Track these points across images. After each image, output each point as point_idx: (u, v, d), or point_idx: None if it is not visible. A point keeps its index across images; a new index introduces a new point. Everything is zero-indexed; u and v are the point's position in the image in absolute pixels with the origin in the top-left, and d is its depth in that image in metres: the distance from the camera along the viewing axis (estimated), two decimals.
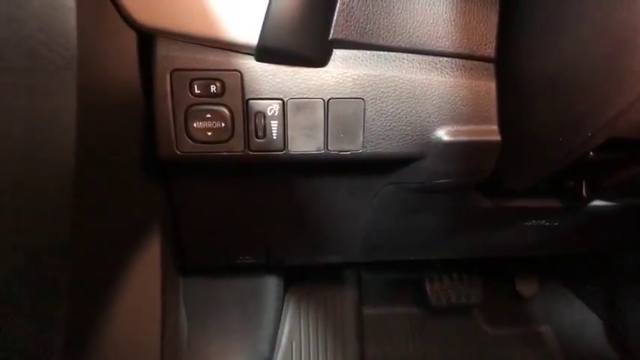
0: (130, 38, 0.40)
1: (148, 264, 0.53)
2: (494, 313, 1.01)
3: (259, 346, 0.81)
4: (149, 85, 0.42)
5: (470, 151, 0.46)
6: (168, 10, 0.39)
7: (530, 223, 0.61)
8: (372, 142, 0.45)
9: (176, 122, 0.42)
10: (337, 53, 0.43)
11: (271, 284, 0.83)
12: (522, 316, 1.02)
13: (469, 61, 0.44)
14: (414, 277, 0.99)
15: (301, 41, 0.41)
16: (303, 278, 0.93)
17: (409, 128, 0.45)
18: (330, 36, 0.42)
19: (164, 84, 0.41)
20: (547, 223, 0.61)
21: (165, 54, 0.41)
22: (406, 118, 0.44)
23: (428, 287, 0.97)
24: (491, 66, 0.45)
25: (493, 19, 0.43)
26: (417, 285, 1.00)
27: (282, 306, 0.91)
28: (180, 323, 0.72)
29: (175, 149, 0.43)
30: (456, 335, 0.97)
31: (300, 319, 0.93)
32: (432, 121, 0.45)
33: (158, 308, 0.56)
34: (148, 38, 0.41)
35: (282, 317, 0.91)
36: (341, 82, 0.43)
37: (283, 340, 0.89)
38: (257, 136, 0.44)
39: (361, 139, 0.45)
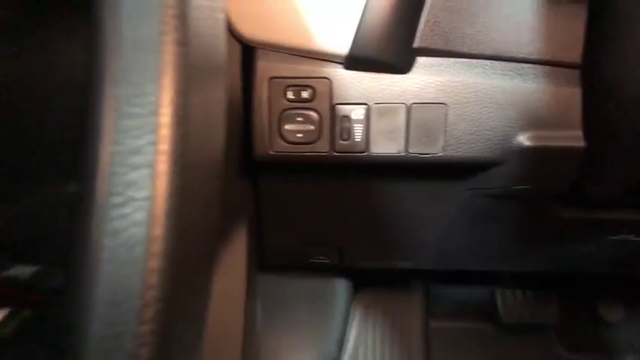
0: (235, 50, 0.45)
1: (236, 259, 0.57)
2: (571, 336, 0.96)
3: (328, 346, 0.83)
4: (248, 91, 0.47)
5: (552, 157, 0.46)
6: (270, 25, 0.44)
7: (615, 237, 0.59)
8: (453, 145, 0.47)
9: (271, 125, 0.47)
10: (420, 60, 0.46)
11: (341, 286, 0.86)
12: (604, 342, 0.96)
13: (554, 68, 0.45)
14: (485, 291, 0.97)
15: (387, 50, 0.44)
16: (371, 284, 0.94)
17: (490, 133, 0.46)
18: (415, 45, 0.44)
19: (262, 90, 0.46)
20: (635, 238, 0.59)
21: (265, 64, 0.46)
22: (487, 122, 0.46)
23: (500, 303, 0.95)
24: (576, 72, 0.45)
25: (580, 25, 0.44)
26: (488, 300, 0.97)
27: (350, 310, 0.93)
28: (258, 318, 0.76)
29: (269, 149, 0.47)
30: (528, 356, 0.94)
31: (367, 325, 0.94)
32: (514, 126, 0.45)
33: (242, 302, 0.60)
34: (249, 49, 0.46)
35: (350, 321, 0.92)
36: (423, 88, 0.45)
37: (350, 345, 0.90)
38: (342, 138, 0.47)
39: (442, 142, 0.47)
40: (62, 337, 0.17)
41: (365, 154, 0.48)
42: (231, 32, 0.44)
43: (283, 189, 0.57)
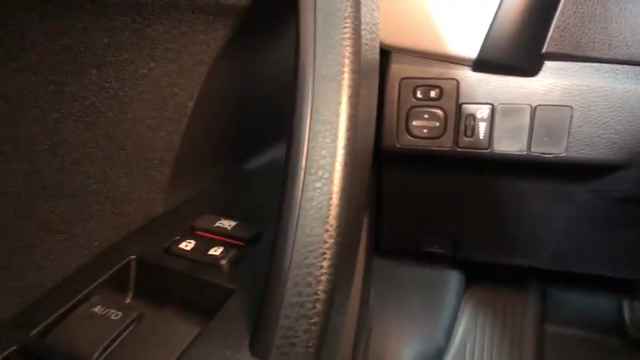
0: None
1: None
2: None
3: (436, 334, 0.86)
4: (381, 89, 0.53)
5: None
6: (404, 32, 0.50)
7: None
8: (576, 147, 0.48)
9: (399, 120, 0.53)
10: (548, 64, 0.48)
11: (454, 278, 0.88)
12: None
13: None
14: (611, 301, 0.92)
15: (516, 54, 0.47)
16: (485, 279, 0.95)
17: (617, 136, 0.46)
18: (544, 49, 0.47)
19: (394, 89, 0.52)
20: None
21: (397, 66, 0.52)
22: (615, 126, 0.46)
23: (627, 314, 0.89)
24: None
25: None
26: (614, 311, 0.92)
27: (460, 303, 0.94)
28: (371, 300, 0.83)
29: (396, 142, 0.53)
30: None
31: (476, 321, 0.94)
32: None
33: (359, 284, 0.67)
34: (385, 53, 0.52)
35: (460, 313, 0.94)
36: (550, 91, 0.47)
37: (457, 338, 0.92)
38: (465, 135, 0.51)
39: (565, 143, 0.48)
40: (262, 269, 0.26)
41: (487, 151, 0.51)
42: None
43: (406, 180, 0.63)
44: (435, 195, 0.63)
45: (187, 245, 0.33)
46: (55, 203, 0.27)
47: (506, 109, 0.49)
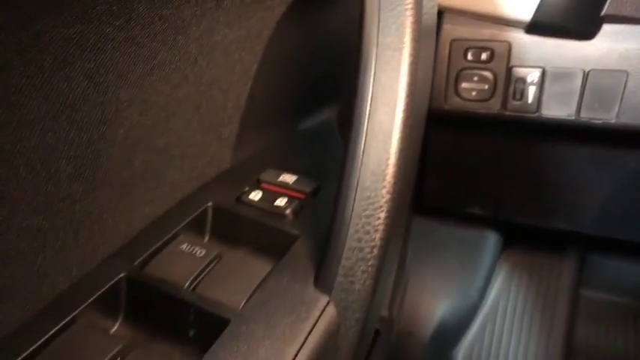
0: None
1: None
2: None
3: (470, 292, 0.89)
4: None
5: None
6: None
7: None
8: (628, 113, 0.48)
9: (448, 82, 0.53)
10: (606, 28, 0.47)
11: (491, 239, 0.90)
12: None
13: None
14: None
15: (573, 17, 0.46)
16: (523, 242, 0.96)
17: None
18: (603, 12, 0.46)
19: (444, 50, 0.52)
20: None
21: (449, 26, 0.52)
22: None
23: None
24: None
25: None
26: None
27: (496, 264, 0.96)
28: (408, 256, 0.86)
29: (444, 104, 0.54)
30: None
31: (511, 282, 0.96)
32: None
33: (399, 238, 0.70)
34: (437, 13, 0.53)
35: (495, 275, 0.96)
36: (605, 55, 0.47)
37: (490, 297, 0.95)
38: (514, 98, 0.51)
39: (616, 109, 0.48)
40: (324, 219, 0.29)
41: (535, 115, 0.52)
42: None
43: (452, 141, 0.64)
44: (480, 157, 0.64)
45: (256, 196, 0.37)
46: (148, 157, 0.31)
47: (557, 73, 0.49)
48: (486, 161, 0.64)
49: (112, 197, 0.30)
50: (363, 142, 0.27)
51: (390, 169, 0.26)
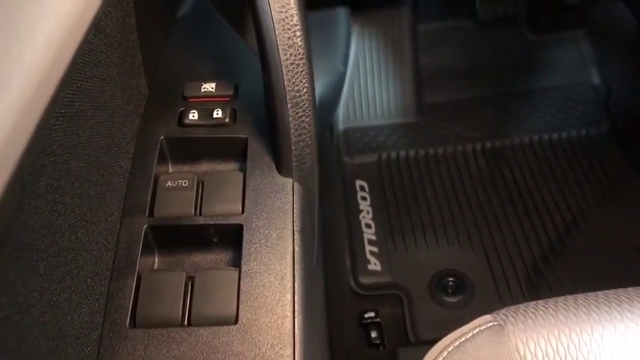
0: None
1: None
2: (538, 22, 1.10)
3: (336, 65, 1.01)
4: None
5: None
6: None
7: None
8: None
9: None
10: None
11: (341, 13, 0.98)
12: (563, 22, 1.11)
13: None
14: None
15: None
16: (366, 6, 1.05)
17: None
18: None
19: None
20: None
21: None
22: None
23: (478, 2, 1.06)
24: None
25: None
26: (468, 1, 1.08)
27: (350, 31, 1.06)
28: None
29: None
30: (500, 44, 1.10)
31: (364, 39, 1.09)
32: None
33: None
34: None
35: (350, 40, 1.07)
36: None
37: (351, 57, 1.08)
38: None
39: None
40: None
41: None
42: None
43: None
44: None
45: (194, 115, 0.40)
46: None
47: None
48: None
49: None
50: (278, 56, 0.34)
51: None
